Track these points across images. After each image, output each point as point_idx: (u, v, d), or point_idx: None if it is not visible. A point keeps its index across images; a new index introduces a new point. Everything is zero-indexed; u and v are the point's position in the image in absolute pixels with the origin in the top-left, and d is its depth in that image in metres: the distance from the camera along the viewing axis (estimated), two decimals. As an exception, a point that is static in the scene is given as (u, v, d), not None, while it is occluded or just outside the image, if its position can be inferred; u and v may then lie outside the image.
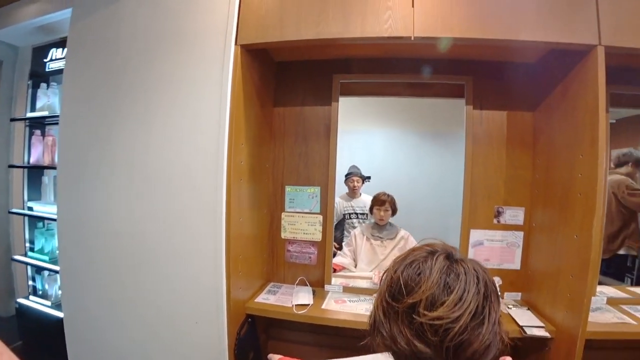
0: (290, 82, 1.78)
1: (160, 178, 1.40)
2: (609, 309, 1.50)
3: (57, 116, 1.85)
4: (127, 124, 1.44)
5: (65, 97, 1.59)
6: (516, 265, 1.64)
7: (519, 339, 1.33)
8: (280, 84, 1.79)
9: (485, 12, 1.24)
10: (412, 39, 1.25)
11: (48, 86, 2.30)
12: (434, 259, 0.58)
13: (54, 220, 1.86)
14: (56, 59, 2.29)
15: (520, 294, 1.63)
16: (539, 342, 1.38)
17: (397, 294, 0.57)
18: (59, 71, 2.23)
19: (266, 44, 1.38)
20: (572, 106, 1.34)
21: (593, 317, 1.34)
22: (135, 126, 1.43)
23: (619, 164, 2.27)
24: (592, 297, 1.25)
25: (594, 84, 1.22)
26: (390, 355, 0.61)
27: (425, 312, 0.53)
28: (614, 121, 2.39)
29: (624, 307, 1.52)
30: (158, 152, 1.40)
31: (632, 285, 1.99)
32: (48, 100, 2.28)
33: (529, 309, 1.52)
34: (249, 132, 1.49)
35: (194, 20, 1.38)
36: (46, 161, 2.27)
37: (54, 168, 2.22)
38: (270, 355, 1.14)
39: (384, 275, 0.63)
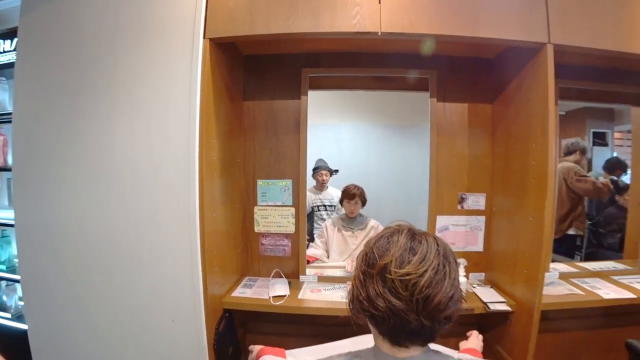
0: (260, 76, 1.78)
1: (129, 176, 1.36)
2: (561, 282, 1.65)
3: (9, 114, 1.73)
4: (92, 121, 1.38)
5: (18, 94, 1.48)
6: (479, 247, 1.76)
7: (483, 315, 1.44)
8: (250, 77, 1.78)
9: (447, 10, 1.30)
10: (379, 34, 1.29)
11: (-4, 81, 2.14)
12: (400, 232, 0.67)
13: (11, 226, 1.74)
14: (5, 52, 2.12)
15: (483, 274, 1.75)
16: (501, 316, 1.50)
17: (371, 262, 0.66)
18: (9, 65, 2.07)
19: (235, 37, 1.37)
20: (526, 99, 1.45)
21: (547, 290, 1.48)
22: (100, 123, 1.37)
23: (568, 152, 2.48)
24: (546, 273, 1.37)
25: (544, 79, 1.32)
26: (369, 322, 0.68)
27: (396, 270, 0.61)
28: (564, 113, 2.59)
29: (574, 280, 1.69)
30: (126, 150, 1.36)
31: (580, 261, 2.19)
32: (-3, 97, 2.12)
33: (491, 287, 1.64)
34: (219, 127, 1.48)
35: (160, 12, 1.33)
36: (-3, 163, 2.12)
37: (8, 170, 2.08)
38: (251, 347, 1.17)
39: (359, 256, 0.71)
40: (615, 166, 2.54)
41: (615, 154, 2.71)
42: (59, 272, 1.44)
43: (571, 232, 2.41)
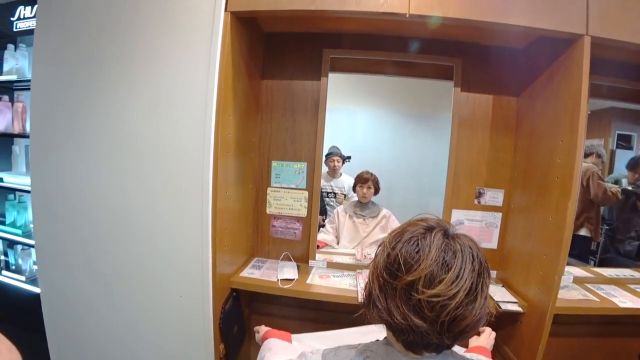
0: (280, 54, 1.74)
1: (146, 149, 1.35)
2: (575, 287, 1.60)
3: (28, 81, 1.73)
4: (112, 92, 1.37)
5: (37, 61, 1.47)
6: (493, 244, 1.71)
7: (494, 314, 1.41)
8: (269, 55, 1.74)
9: (480, -7, 1.23)
10: (407, 16, 1.24)
11: (16, 48, 2.14)
12: (432, 235, 0.58)
13: (27, 191, 1.77)
14: (25, 18, 2.12)
15: (496, 272, 1.71)
16: (511, 316, 1.47)
17: (395, 271, 0.58)
18: (29, 31, 2.07)
19: (258, 12, 1.33)
20: (556, 93, 1.38)
21: (561, 294, 1.42)
22: (120, 94, 1.36)
23: (586, 154, 2.40)
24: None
25: (578, 73, 1.25)
26: (385, 326, 0.63)
27: (424, 290, 0.54)
28: (589, 112, 2.50)
29: (589, 285, 1.64)
30: (144, 122, 1.35)
31: (595, 266, 2.13)
32: (16, 64, 2.13)
33: (503, 285, 1.60)
34: (236, 105, 1.45)
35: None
36: (16, 129, 2.13)
37: (26, 136, 2.10)
38: (257, 327, 1.16)
39: (380, 249, 0.64)
40: (638, 163, 2.46)
41: (639, 156, 2.62)
42: (73, 238, 1.46)
43: (582, 232, 2.35)
